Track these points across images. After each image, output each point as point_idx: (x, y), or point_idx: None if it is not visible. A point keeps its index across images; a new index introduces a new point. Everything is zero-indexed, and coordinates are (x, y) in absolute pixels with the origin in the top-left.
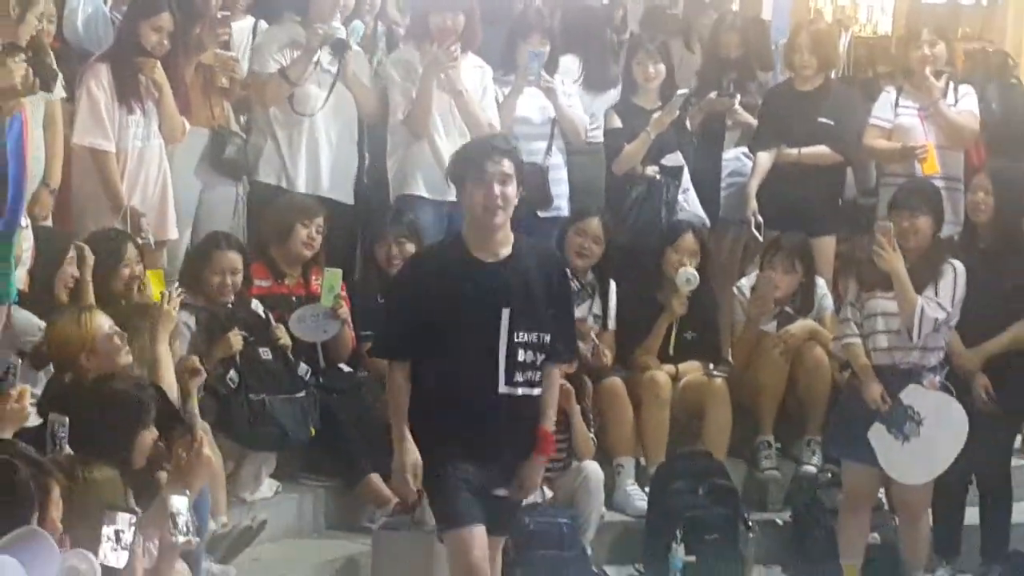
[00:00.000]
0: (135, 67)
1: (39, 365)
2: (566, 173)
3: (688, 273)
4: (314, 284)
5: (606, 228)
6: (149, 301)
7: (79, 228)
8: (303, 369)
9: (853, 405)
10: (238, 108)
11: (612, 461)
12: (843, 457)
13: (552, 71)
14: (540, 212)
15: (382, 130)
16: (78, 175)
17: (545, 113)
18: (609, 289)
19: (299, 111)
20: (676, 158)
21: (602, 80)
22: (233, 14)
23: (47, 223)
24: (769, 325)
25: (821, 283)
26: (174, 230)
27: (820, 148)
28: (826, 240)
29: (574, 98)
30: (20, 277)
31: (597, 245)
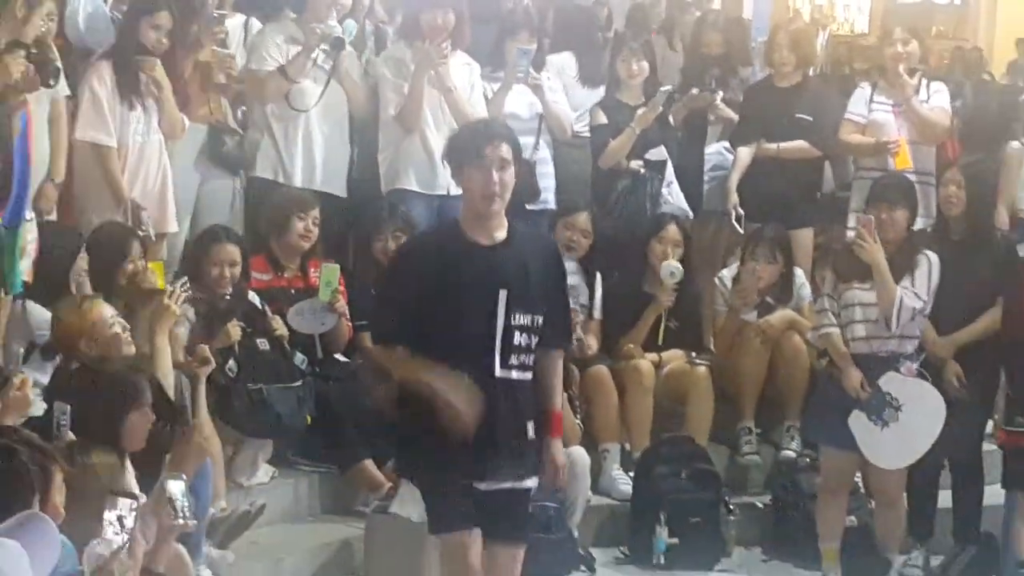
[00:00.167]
0: (136, 65)
1: (50, 356)
2: (552, 167)
3: (672, 266)
4: (312, 276)
5: (594, 222)
6: (153, 290)
7: (81, 221)
8: (299, 359)
9: (830, 392)
10: (234, 104)
11: (598, 447)
12: (821, 442)
13: (540, 68)
14: (528, 205)
15: (371, 125)
16: (81, 170)
17: (533, 109)
18: (595, 280)
19: (296, 107)
20: (660, 152)
21: (596, 76)
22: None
23: (51, 216)
24: (750, 315)
25: (800, 274)
26: (174, 223)
27: (799, 143)
28: (804, 232)
29: (560, 94)
30: (25, 269)
31: (585, 238)
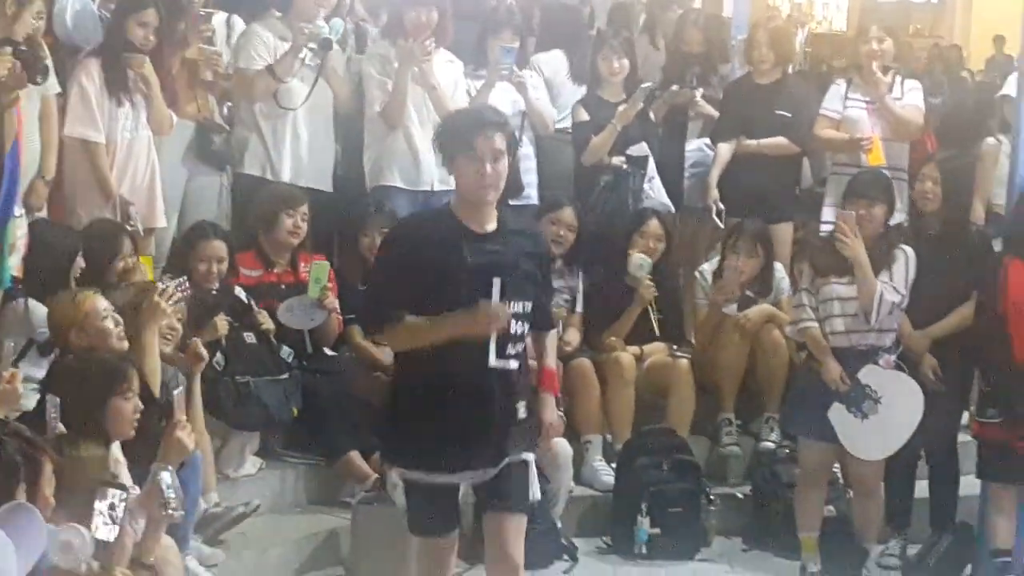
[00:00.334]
0: (124, 62)
1: (46, 353)
2: (535, 163)
3: (640, 259)
4: (302, 271)
5: (578, 216)
6: (144, 284)
7: (71, 217)
8: (286, 352)
9: (809, 385)
10: (220, 100)
11: (580, 438)
12: (799, 434)
13: (525, 66)
14: (511, 200)
15: (355, 122)
16: (70, 166)
17: (516, 106)
18: (577, 275)
19: (284, 106)
20: (641, 148)
21: (585, 73)
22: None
23: (42, 213)
24: (730, 308)
25: (779, 268)
26: (162, 218)
27: (778, 139)
28: (783, 227)
29: (542, 91)
30: (14, 265)
31: (570, 232)
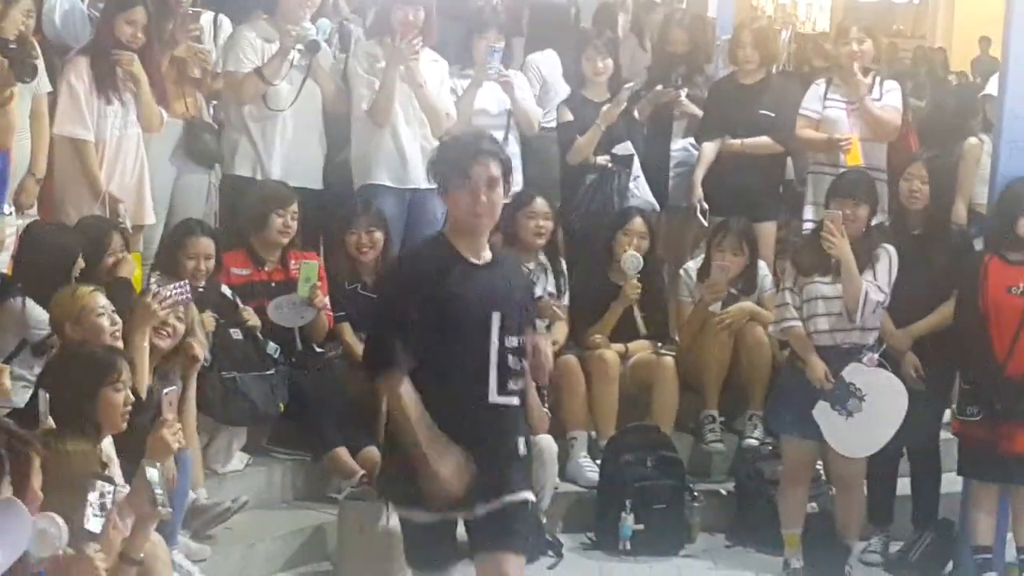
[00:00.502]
0: (113, 60)
1: (40, 353)
2: (520, 162)
3: (633, 257)
4: (292, 269)
5: (551, 204)
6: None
7: (60, 214)
8: (272, 347)
9: (792, 383)
10: (208, 99)
11: (566, 434)
12: (782, 432)
13: (518, 66)
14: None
15: (342, 121)
16: (59, 163)
17: (501, 105)
18: (560, 265)
19: (272, 107)
20: (626, 147)
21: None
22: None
23: (32, 211)
24: (715, 306)
25: (763, 266)
26: (151, 215)
27: (762, 138)
28: (767, 225)
29: (527, 91)
30: (3, 262)
31: (548, 220)
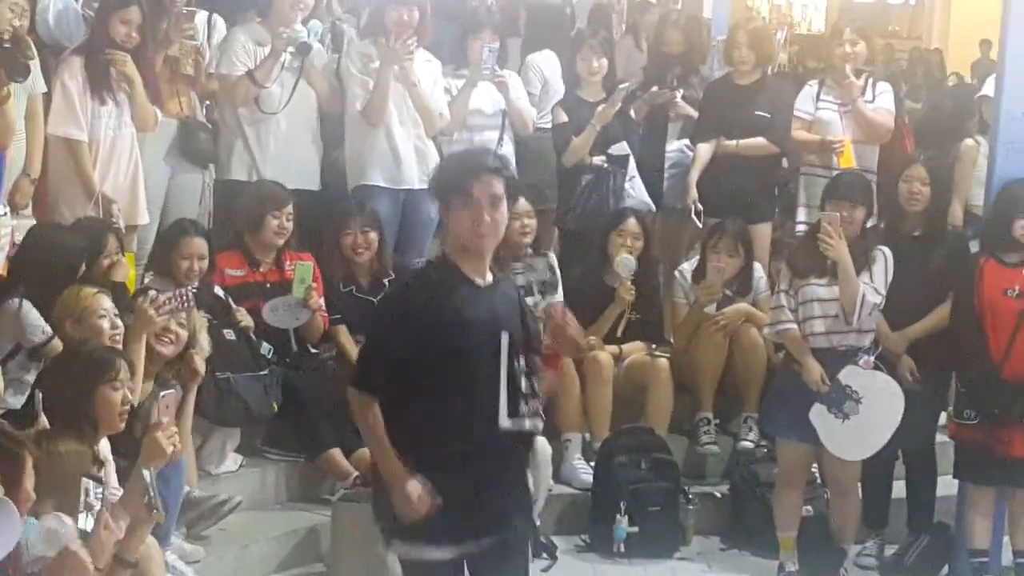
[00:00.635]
0: (107, 60)
1: (36, 358)
2: (514, 162)
3: (626, 259)
4: (287, 269)
5: (540, 202)
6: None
7: (54, 214)
8: (265, 348)
9: (787, 385)
10: (202, 99)
11: (560, 436)
12: (778, 435)
13: (503, 65)
14: None
15: (336, 121)
16: (53, 164)
17: (496, 105)
18: (550, 260)
19: (265, 110)
20: (622, 148)
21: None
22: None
23: (27, 211)
24: (710, 307)
25: (758, 267)
26: (145, 215)
27: (757, 139)
28: (762, 227)
29: (522, 90)
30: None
31: (531, 219)
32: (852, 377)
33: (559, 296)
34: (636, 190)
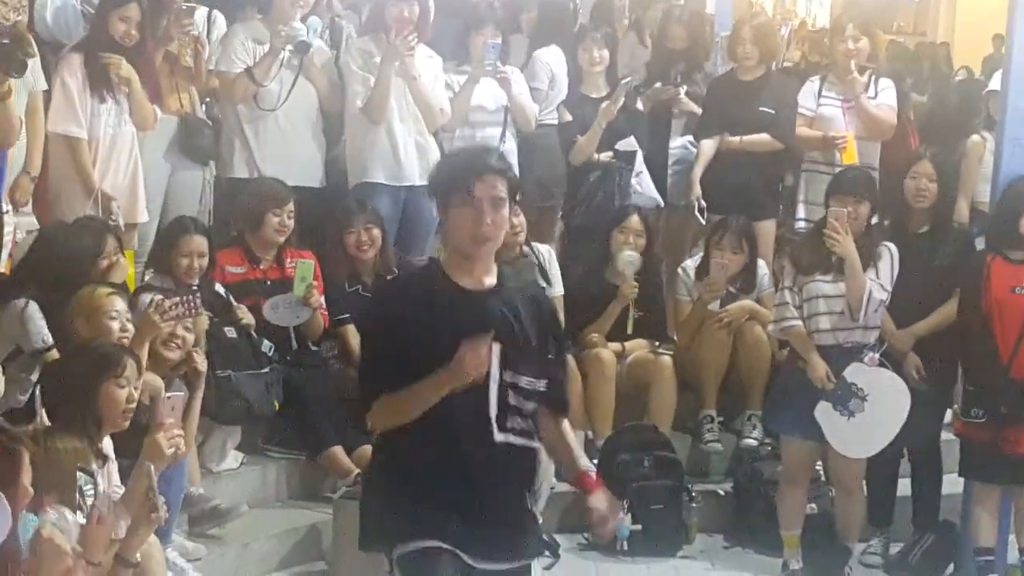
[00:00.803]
0: (103, 64)
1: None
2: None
3: (630, 256)
4: (288, 267)
5: (521, 204)
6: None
7: (54, 212)
8: (266, 346)
9: (791, 382)
10: (203, 97)
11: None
12: (782, 432)
13: (505, 61)
14: None
15: (335, 118)
16: (53, 161)
17: (498, 101)
18: (545, 255)
19: (263, 107)
20: (629, 143)
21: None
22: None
23: (27, 209)
24: (713, 304)
25: (762, 264)
26: (144, 213)
27: (762, 135)
28: (766, 224)
29: (524, 86)
30: (1, 259)
31: (516, 217)
32: (858, 374)
33: (557, 290)
34: (644, 185)
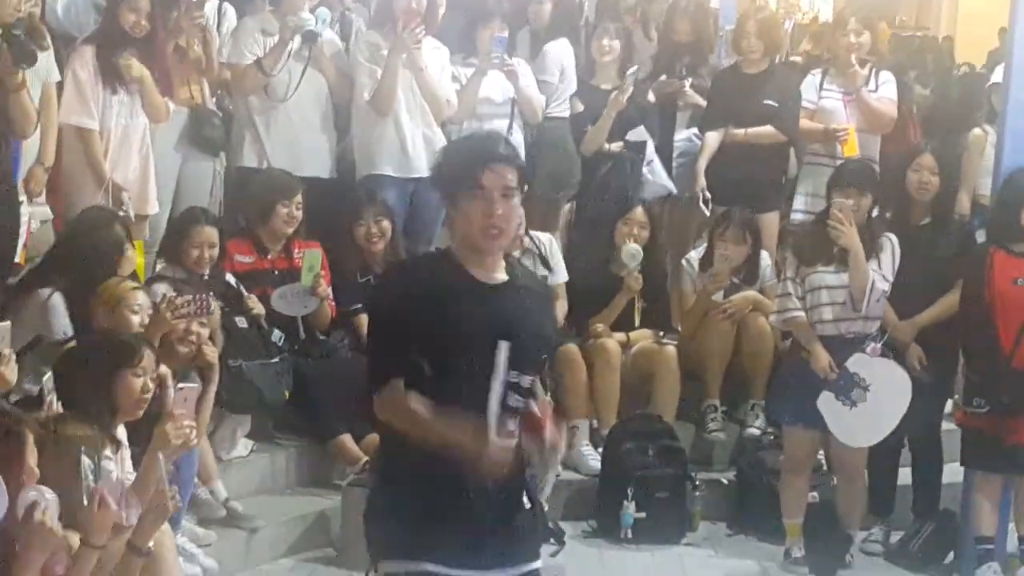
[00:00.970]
0: (119, 50)
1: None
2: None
3: (632, 248)
4: (295, 257)
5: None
6: None
7: (66, 202)
8: (276, 335)
9: (794, 372)
10: (213, 88)
11: (567, 423)
12: (784, 422)
13: (511, 54)
14: None
15: (343, 110)
16: (65, 151)
17: (506, 93)
18: (546, 243)
19: (273, 98)
20: (640, 133)
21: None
22: None
23: (40, 199)
24: (717, 295)
25: (765, 256)
26: (155, 204)
27: (766, 128)
28: (770, 215)
29: (531, 78)
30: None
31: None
32: (860, 365)
33: (560, 277)
34: (655, 174)
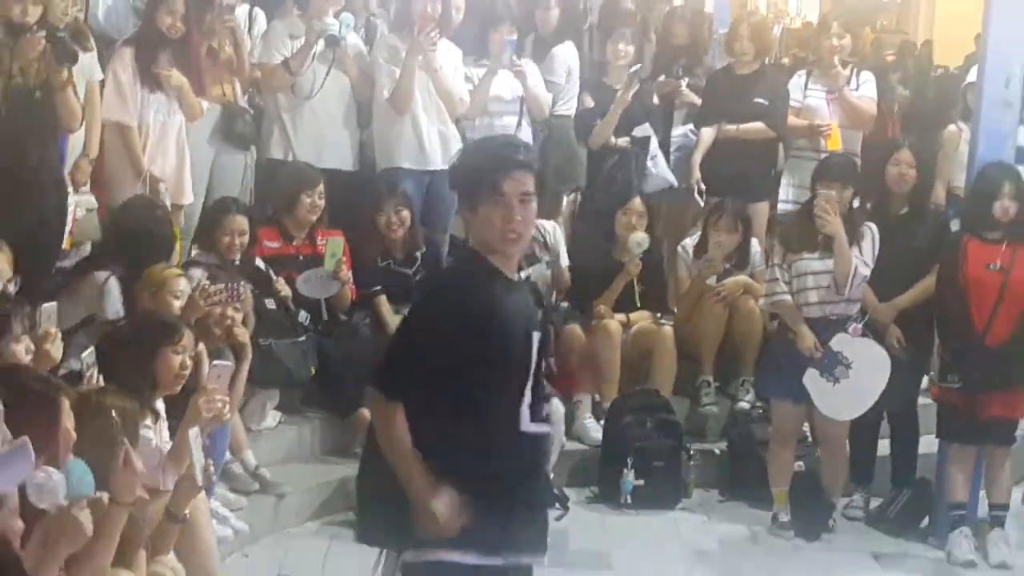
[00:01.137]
0: (156, 51)
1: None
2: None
3: (639, 237)
4: (319, 244)
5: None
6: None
7: (108, 192)
8: (303, 316)
9: (781, 351)
10: (244, 87)
11: (572, 397)
12: (772, 396)
13: (520, 55)
14: None
15: (364, 107)
16: (106, 146)
17: (514, 92)
18: (550, 231)
19: (299, 96)
20: (644, 129)
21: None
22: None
23: (85, 189)
24: (710, 280)
25: (755, 243)
26: (190, 195)
27: (756, 124)
28: (760, 206)
29: (539, 78)
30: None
31: None
32: (842, 344)
33: (564, 261)
34: (658, 167)
